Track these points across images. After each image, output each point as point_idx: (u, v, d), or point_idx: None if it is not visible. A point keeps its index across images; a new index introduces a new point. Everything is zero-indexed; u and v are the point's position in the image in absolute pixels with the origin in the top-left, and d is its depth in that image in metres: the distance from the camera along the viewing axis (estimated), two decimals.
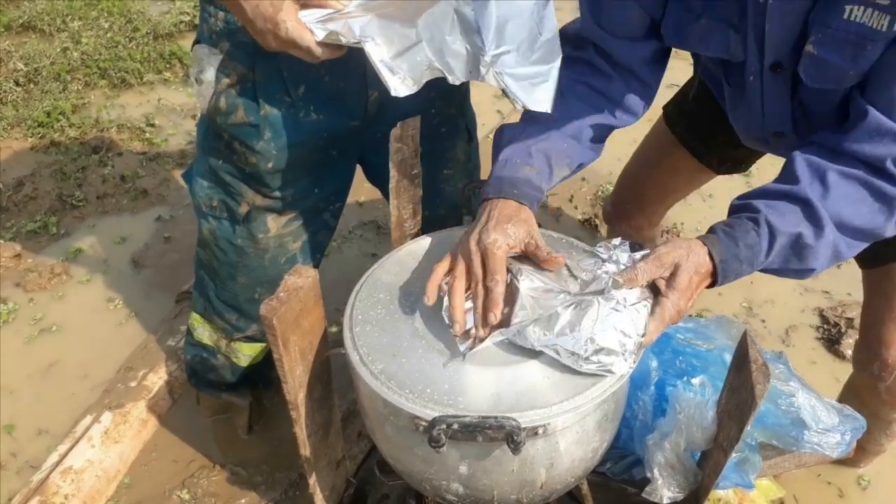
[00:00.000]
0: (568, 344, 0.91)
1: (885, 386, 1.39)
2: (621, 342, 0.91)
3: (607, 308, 0.92)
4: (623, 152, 2.88)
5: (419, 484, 1.03)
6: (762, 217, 0.95)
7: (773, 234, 0.95)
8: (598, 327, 0.90)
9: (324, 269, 1.23)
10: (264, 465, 1.74)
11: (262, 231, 1.37)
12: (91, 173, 2.74)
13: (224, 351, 1.60)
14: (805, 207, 0.95)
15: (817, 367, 1.96)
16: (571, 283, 0.97)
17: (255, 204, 1.34)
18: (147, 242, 2.43)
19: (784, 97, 1.09)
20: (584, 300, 0.93)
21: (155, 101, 3.21)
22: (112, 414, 1.76)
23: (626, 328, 0.91)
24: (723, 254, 0.95)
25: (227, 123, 1.26)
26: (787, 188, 0.97)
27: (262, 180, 1.30)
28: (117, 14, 3.79)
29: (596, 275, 0.97)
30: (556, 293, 0.95)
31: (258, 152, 1.26)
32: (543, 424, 0.87)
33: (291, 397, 1.08)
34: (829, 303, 2.15)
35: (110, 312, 2.16)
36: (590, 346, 0.90)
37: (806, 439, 1.21)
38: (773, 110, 1.12)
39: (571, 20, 1.19)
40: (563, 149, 1.10)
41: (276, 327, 0.97)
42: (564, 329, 0.91)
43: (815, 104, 1.07)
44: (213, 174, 1.35)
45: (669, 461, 1.13)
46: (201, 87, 1.25)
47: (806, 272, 1.00)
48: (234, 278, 1.45)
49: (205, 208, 1.39)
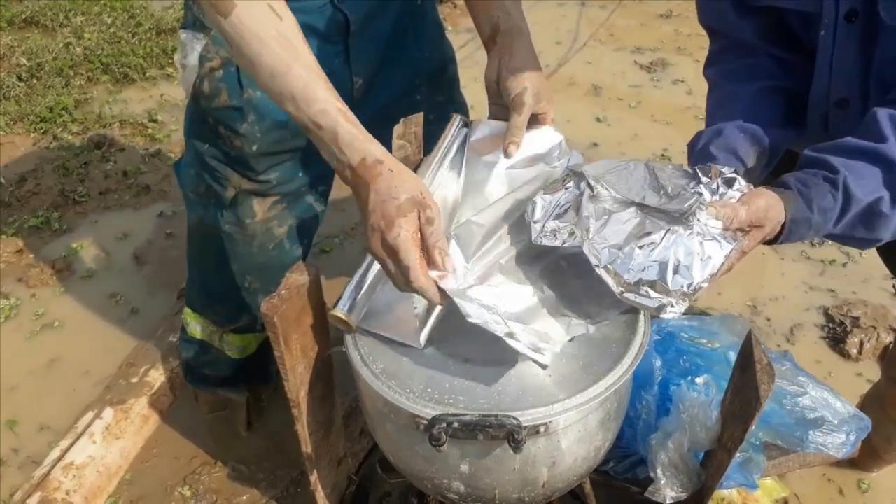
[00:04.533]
0: (617, 260, 0.82)
1: None
2: (682, 275, 0.80)
3: (679, 233, 0.80)
4: (627, 149, 2.88)
5: (421, 482, 1.03)
6: (840, 179, 0.87)
7: (849, 201, 0.87)
8: (658, 251, 0.80)
9: (326, 266, 1.23)
10: (266, 462, 1.74)
11: (249, 216, 1.37)
12: (93, 169, 2.74)
13: (217, 345, 1.60)
14: (889, 171, 0.87)
15: (822, 366, 1.95)
16: (651, 195, 0.87)
17: (242, 188, 1.34)
18: (149, 238, 2.43)
19: (855, 52, 1.00)
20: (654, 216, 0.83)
21: (157, 96, 3.21)
22: (113, 410, 1.76)
23: (694, 265, 0.80)
24: (795, 214, 0.87)
25: (211, 107, 1.26)
26: (871, 146, 0.88)
27: (247, 163, 1.30)
28: (120, 9, 3.79)
29: (682, 194, 0.86)
30: (627, 204, 0.85)
31: (242, 135, 1.26)
32: (545, 423, 0.87)
33: (293, 395, 1.07)
34: (834, 301, 2.14)
35: (112, 308, 2.16)
36: (645, 272, 0.80)
37: (810, 439, 1.20)
38: (842, 69, 1.03)
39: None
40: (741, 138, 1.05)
41: (278, 325, 0.96)
42: (619, 244, 0.82)
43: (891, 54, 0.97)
44: (199, 160, 1.35)
45: (673, 461, 1.12)
46: (185, 71, 1.26)
47: (870, 242, 0.92)
48: (222, 266, 1.45)
49: (192, 195, 1.40)
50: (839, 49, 1.01)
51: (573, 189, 0.92)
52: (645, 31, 3.83)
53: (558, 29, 3.80)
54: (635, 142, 2.93)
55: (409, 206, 0.86)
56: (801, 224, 0.87)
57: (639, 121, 3.07)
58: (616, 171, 0.93)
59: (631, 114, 3.13)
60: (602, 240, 0.84)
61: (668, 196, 0.86)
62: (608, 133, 2.98)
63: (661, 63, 3.49)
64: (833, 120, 1.12)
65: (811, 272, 2.27)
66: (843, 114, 1.09)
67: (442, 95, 1.42)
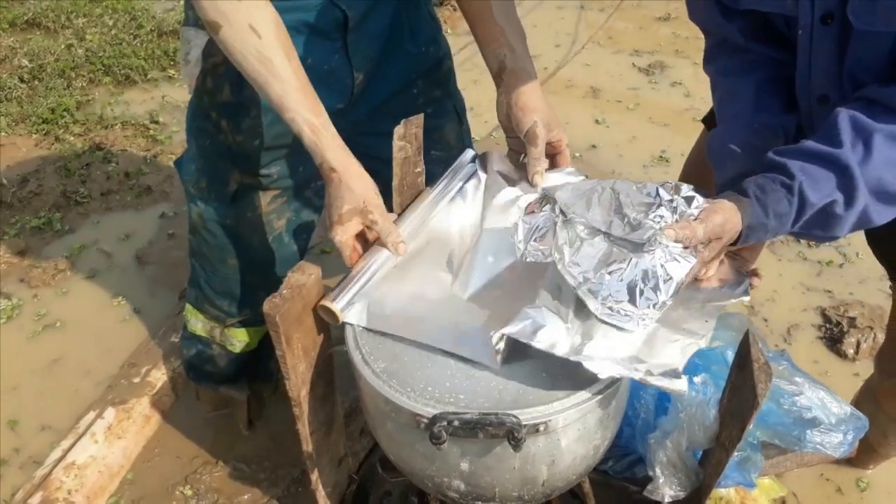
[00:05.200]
0: (592, 280, 0.89)
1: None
2: (647, 297, 0.87)
3: (647, 256, 0.88)
4: (625, 151, 2.89)
5: (421, 481, 1.03)
6: (796, 185, 0.91)
7: (804, 205, 0.92)
8: (629, 273, 0.87)
9: (327, 267, 1.24)
10: (267, 462, 1.74)
11: (250, 210, 1.38)
12: (95, 170, 2.75)
13: (219, 340, 1.61)
14: (842, 175, 0.91)
15: (819, 367, 1.96)
16: (617, 223, 0.94)
17: (243, 182, 1.35)
18: (151, 239, 2.44)
19: (832, 52, 1.03)
20: (623, 241, 0.90)
21: (159, 98, 3.22)
22: (115, 410, 1.76)
23: (660, 285, 0.87)
24: (752, 220, 0.92)
25: (214, 102, 1.27)
26: (827, 151, 0.92)
27: (248, 158, 1.31)
28: (122, 11, 3.80)
29: (643, 222, 0.92)
30: (595, 232, 0.92)
31: (245, 130, 1.27)
32: (545, 421, 0.87)
33: (294, 394, 1.08)
34: (831, 302, 2.15)
35: (114, 309, 2.17)
36: (614, 291, 0.88)
37: (808, 439, 1.21)
38: (820, 67, 1.06)
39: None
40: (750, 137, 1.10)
41: (280, 324, 0.97)
42: (592, 267, 0.89)
43: (865, 58, 1.01)
44: (201, 155, 1.37)
45: (671, 460, 1.13)
46: (188, 67, 1.27)
47: (827, 239, 0.98)
48: (223, 261, 1.46)
49: (193, 191, 1.41)
50: (816, 49, 1.04)
51: (549, 213, 0.99)
52: (643, 33, 3.84)
53: (557, 32, 3.81)
54: (633, 144, 2.94)
55: (350, 215, 1.05)
56: (757, 229, 0.93)
57: (637, 123, 3.08)
58: (584, 197, 0.99)
59: (629, 116, 3.14)
60: (575, 265, 0.91)
61: (631, 226, 0.94)
62: (607, 135, 2.99)
63: (659, 65, 3.50)
64: (816, 115, 1.14)
65: (808, 273, 2.28)
66: (825, 109, 1.11)
67: (439, 90, 1.44)
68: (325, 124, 1.04)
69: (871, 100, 0.95)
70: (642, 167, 2.78)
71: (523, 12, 3.89)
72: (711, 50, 1.22)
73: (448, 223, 1.17)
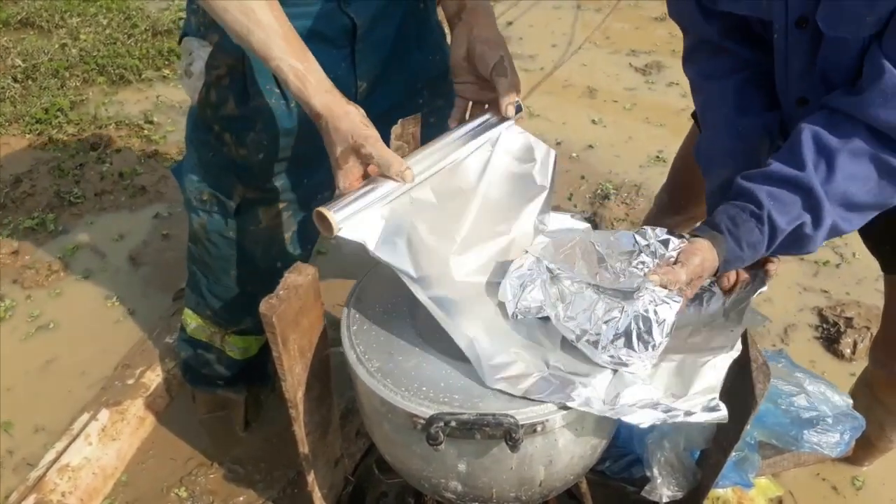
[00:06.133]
0: (589, 331, 0.92)
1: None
2: (645, 340, 0.90)
3: (637, 302, 0.91)
4: (621, 151, 2.89)
5: (418, 482, 1.03)
6: (765, 213, 0.95)
7: (775, 232, 0.96)
8: (623, 319, 0.90)
9: (323, 267, 1.23)
10: (262, 463, 1.74)
11: (254, 223, 1.37)
12: (89, 170, 2.74)
13: (218, 345, 1.59)
14: (807, 197, 0.95)
15: (816, 367, 1.96)
16: (603, 275, 0.99)
17: (247, 196, 1.34)
18: (145, 240, 2.43)
19: (807, 56, 1.05)
20: (613, 291, 0.94)
21: (153, 97, 3.21)
22: (109, 411, 1.75)
23: (653, 329, 0.91)
24: (727, 255, 0.96)
25: (218, 116, 1.25)
26: (792, 175, 0.96)
27: (252, 172, 1.30)
28: (116, 11, 3.79)
29: (628, 270, 0.98)
30: (585, 285, 0.95)
31: (249, 144, 1.26)
32: (542, 421, 0.87)
33: (290, 395, 1.08)
34: (827, 302, 2.15)
35: (108, 310, 2.15)
36: (611, 335, 0.90)
37: (805, 439, 1.21)
38: (797, 70, 1.08)
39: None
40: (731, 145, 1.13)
41: (276, 325, 0.96)
42: (588, 316, 0.92)
43: (836, 61, 1.02)
44: (203, 167, 1.35)
45: (669, 460, 1.13)
46: (191, 79, 1.25)
47: (802, 253, 1.02)
48: (226, 272, 1.44)
49: (195, 202, 1.39)
50: (792, 53, 1.06)
51: (535, 272, 1.00)
52: (640, 33, 3.84)
53: (554, 32, 3.81)
54: (630, 144, 2.94)
55: (345, 157, 0.99)
56: (733, 262, 0.97)
57: (633, 123, 3.08)
58: (565, 254, 1.03)
59: (626, 116, 3.15)
60: (570, 319, 0.94)
61: (616, 275, 0.99)
62: (603, 135, 2.99)
63: (655, 66, 3.51)
64: (796, 117, 1.15)
65: (805, 273, 2.28)
66: (804, 110, 1.13)
67: (442, 99, 1.42)
68: (310, 69, 1.01)
69: (833, 109, 0.98)
70: (639, 167, 2.78)
71: (519, 13, 3.90)
72: (691, 50, 1.22)
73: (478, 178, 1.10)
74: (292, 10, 1.03)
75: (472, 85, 1.15)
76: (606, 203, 2.57)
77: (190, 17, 1.25)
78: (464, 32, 1.13)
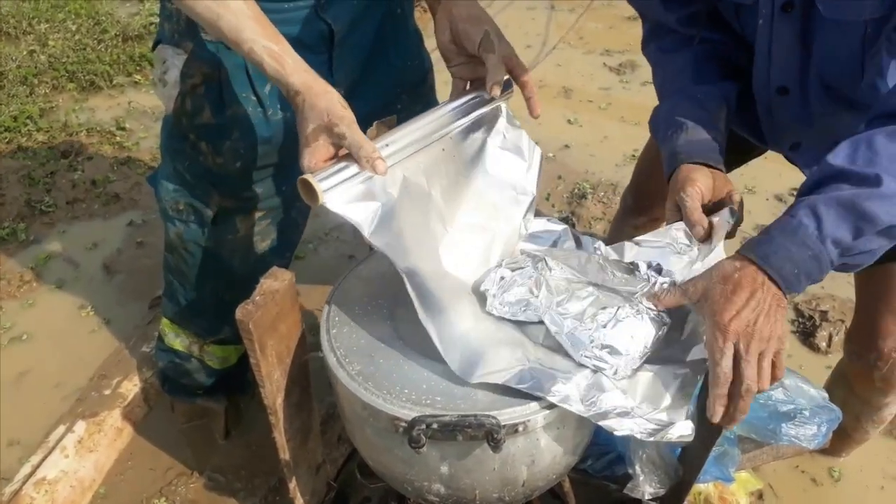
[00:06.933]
0: (576, 330, 0.92)
1: (880, 374, 1.40)
2: (627, 348, 0.91)
3: (628, 310, 0.92)
4: (597, 150, 2.90)
5: (400, 486, 1.02)
6: (798, 203, 0.88)
7: (815, 208, 0.86)
8: (611, 324, 0.91)
9: (300, 272, 1.23)
10: (243, 471, 1.72)
11: (231, 232, 1.35)
12: (60, 178, 2.69)
13: (197, 355, 1.57)
14: (846, 178, 0.87)
15: (793, 360, 1.99)
16: (602, 276, 0.99)
17: (224, 206, 1.32)
18: (119, 248, 2.40)
19: (793, 42, 1.04)
20: (607, 295, 0.95)
21: (125, 104, 3.17)
22: (86, 423, 1.73)
23: (638, 336, 0.91)
24: (754, 247, 0.87)
25: (194, 125, 1.23)
26: (819, 171, 0.90)
27: (229, 181, 1.28)
28: (85, 16, 3.73)
29: (629, 278, 0.98)
30: (584, 284, 0.96)
31: (226, 152, 1.24)
32: (524, 421, 0.87)
33: (269, 402, 1.06)
34: (803, 296, 2.18)
35: (82, 319, 2.12)
36: (597, 339, 0.91)
37: (784, 432, 1.23)
38: (781, 57, 1.07)
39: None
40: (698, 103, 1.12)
41: (253, 332, 0.95)
42: (578, 315, 0.93)
43: (835, 51, 1.00)
44: (178, 177, 1.33)
45: (651, 457, 1.13)
46: (165, 88, 1.23)
47: (890, 230, 0.88)
48: (203, 282, 1.43)
49: (171, 212, 1.37)
50: (777, 39, 1.05)
51: (530, 268, 1.01)
52: (614, 33, 3.87)
53: (528, 32, 3.83)
54: (605, 143, 2.96)
55: (315, 134, 0.94)
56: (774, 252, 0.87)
57: (609, 122, 3.10)
58: (564, 255, 1.05)
59: (601, 115, 3.17)
60: (564, 311, 0.95)
61: (613, 276, 0.99)
62: (579, 135, 3.01)
63: (629, 65, 3.53)
64: (775, 106, 1.16)
65: None
66: (784, 100, 1.13)
67: (421, 105, 1.42)
68: (286, 50, 0.97)
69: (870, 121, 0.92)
70: (615, 166, 2.80)
71: (493, 13, 3.90)
72: (650, 33, 1.24)
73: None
74: (269, 15, 1.02)
75: (464, 65, 1.12)
76: (583, 202, 2.59)
77: (163, 23, 1.23)
78: (444, 15, 1.10)
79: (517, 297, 0.99)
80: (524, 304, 0.99)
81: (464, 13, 1.08)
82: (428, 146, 1.03)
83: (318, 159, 0.94)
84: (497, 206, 1.10)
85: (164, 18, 1.22)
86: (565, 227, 1.16)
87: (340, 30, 1.19)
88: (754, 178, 2.57)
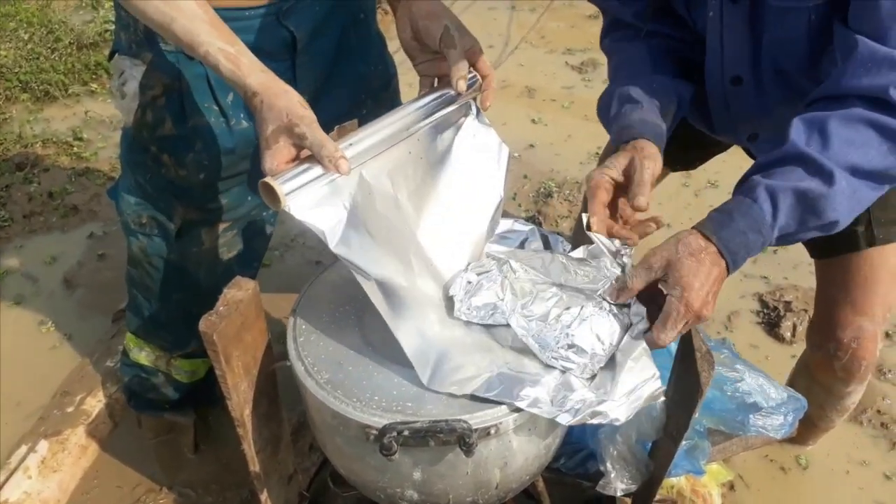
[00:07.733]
0: (542, 331, 0.92)
1: (840, 364, 1.42)
2: (593, 346, 0.91)
3: (591, 308, 0.93)
4: (562, 149, 2.92)
5: (373, 493, 1.01)
6: (759, 184, 0.91)
7: (774, 195, 0.90)
8: (575, 324, 0.91)
9: (266, 280, 1.21)
10: (214, 485, 1.69)
11: (196, 245, 1.32)
12: (16, 191, 2.62)
13: (164, 370, 1.54)
14: (805, 163, 0.90)
15: (759, 351, 2.02)
16: (565, 276, 1.00)
17: (188, 218, 1.30)
18: (79, 261, 2.34)
19: (743, 31, 1.05)
20: (571, 295, 0.95)
21: (82, 113, 3.10)
22: (48, 442, 1.68)
23: (603, 333, 0.92)
24: (717, 229, 0.90)
25: (155, 136, 1.21)
26: (780, 151, 0.92)
27: (193, 193, 1.26)
28: (37, 25, 3.64)
29: (594, 275, 0.98)
30: (548, 285, 0.97)
31: (189, 164, 1.22)
32: (495, 424, 0.87)
33: (237, 414, 1.05)
34: (767, 288, 2.22)
35: (43, 336, 2.07)
36: (563, 339, 0.91)
37: (751, 423, 1.24)
38: (732, 46, 1.08)
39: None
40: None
41: (217, 343, 0.93)
42: (543, 316, 0.93)
43: (784, 39, 1.02)
44: (140, 189, 1.30)
45: (622, 453, 1.14)
46: (124, 100, 1.20)
47: (830, 226, 0.93)
48: (169, 295, 1.40)
49: (133, 225, 1.34)
50: (727, 29, 1.07)
51: (496, 272, 1.02)
52: (575, 32, 3.90)
53: (489, 33, 3.84)
54: (570, 142, 2.97)
55: (275, 136, 0.91)
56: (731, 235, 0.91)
57: (572, 121, 3.12)
58: (528, 256, 1.05)
59: (565, 114, 3.18)
60: (529, 314, 0.95)
61: (576, 275, 1.00)
62: (543, 134, 3.02)
63: (591, 63, 3.56)
64: (731, 97, 1.18)
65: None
66: (738, 90, 1.15)
67: (385, 109, 1.40)
68: (242, 51, 0.95)
69: (817, 100, 0.96)
70: (579, 164, 2.82)
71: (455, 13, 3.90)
72: (608, 27, 1.25)
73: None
74: (230, 24, 1.00)
75: (429, 62, 1.11)
76: (549, 201, 2.60)
77: (119, 33, 1.20)
78: (405, 13, 1.09)
79: (484, 301, 0.99)
80: (491, 308, 0.98)
81: (423, 10, 1.07)
82: (394, 147, 1.02)
83: (279, 161, 0.91)
84: (465, 208, 1.09)
85: (121, 28, 1.19)
86: (532, 227, 1.16)
87: (303, 37, 1.17)
88: (717, 172, 2.60)
